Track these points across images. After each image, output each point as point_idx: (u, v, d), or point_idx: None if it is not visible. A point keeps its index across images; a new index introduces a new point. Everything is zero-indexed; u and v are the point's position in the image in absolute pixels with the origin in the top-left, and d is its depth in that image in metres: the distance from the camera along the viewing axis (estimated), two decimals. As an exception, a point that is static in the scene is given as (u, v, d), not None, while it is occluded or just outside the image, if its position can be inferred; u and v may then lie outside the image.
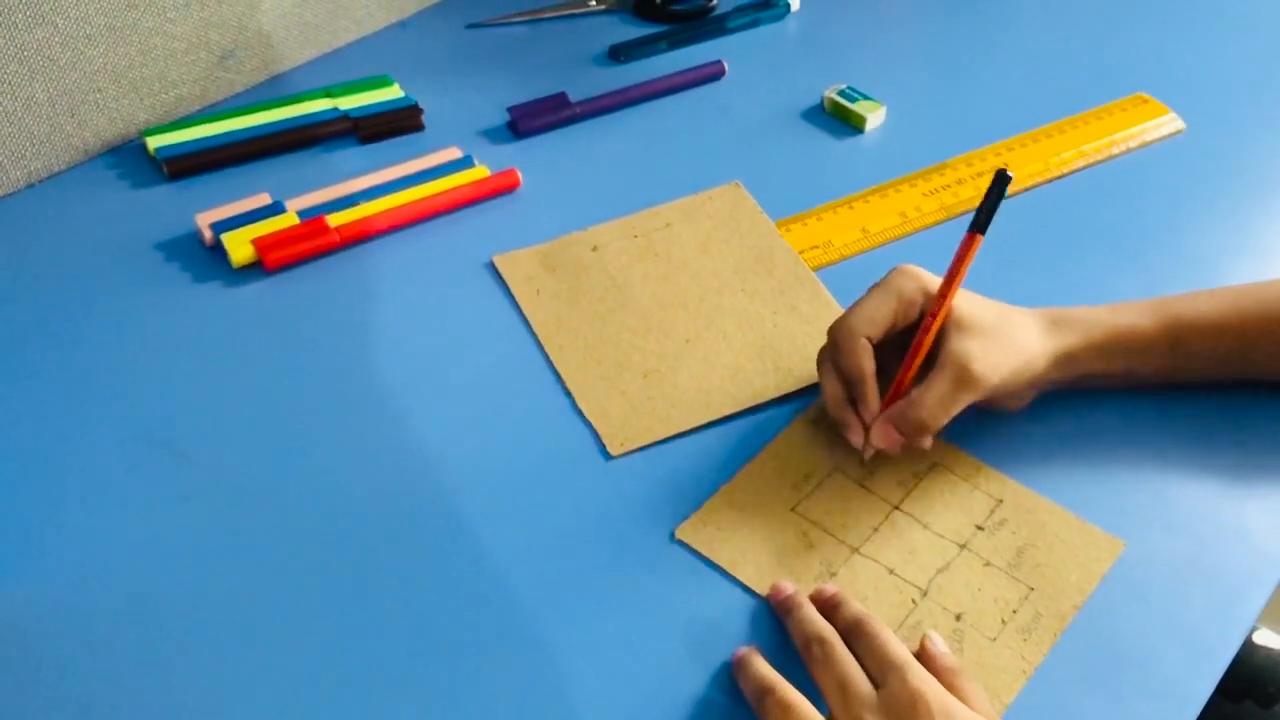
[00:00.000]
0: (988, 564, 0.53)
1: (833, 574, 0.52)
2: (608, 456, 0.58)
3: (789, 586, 0.51)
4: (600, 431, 0.59)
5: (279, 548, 0.54)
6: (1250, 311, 0.58)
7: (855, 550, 0.53)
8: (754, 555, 0.53)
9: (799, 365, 0.62)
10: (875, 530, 0.54)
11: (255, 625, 0.51)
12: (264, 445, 0.58)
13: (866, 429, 0.55)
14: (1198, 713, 0.49)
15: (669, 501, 0.56)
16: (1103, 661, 0.50)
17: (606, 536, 0.54)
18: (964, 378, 0.53)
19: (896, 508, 0.55)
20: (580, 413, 0.60)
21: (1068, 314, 0.58)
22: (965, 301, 0.55)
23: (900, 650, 0.47)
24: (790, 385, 0.61)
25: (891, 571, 0.52)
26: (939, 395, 0.53)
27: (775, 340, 0.63)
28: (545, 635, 0.50)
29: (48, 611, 0.51)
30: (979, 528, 0.54)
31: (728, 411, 0.60)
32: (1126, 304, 0.59)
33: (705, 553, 0.53)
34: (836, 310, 0.65)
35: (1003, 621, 0.50)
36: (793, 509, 0.55)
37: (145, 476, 0.57)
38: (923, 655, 0.48)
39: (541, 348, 0.64)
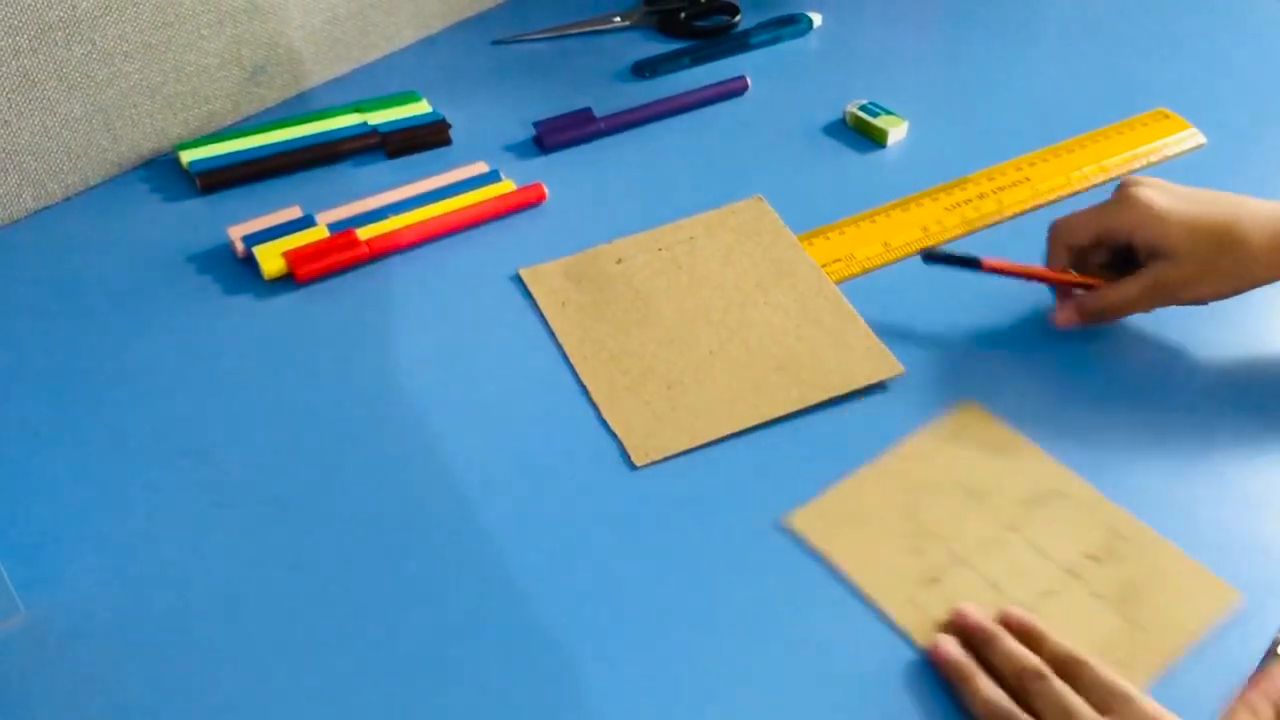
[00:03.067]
0: (1095, 595, 0.52)
1: (933, 580, 0.52)
2: (632, 467, 0.59)
3: (977, 613, 0.50)
4: (625, 442, 0.60)
5: (311, 555, 0.55)
6: None
7: (961, 560, 0.53)
8: (859, 549, 0.53)
9: (822, 377, 0.63)
10: (984, 544, 0.54)
11: (289, 631, 0.52)
12: (296, 454, 0.59)
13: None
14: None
15: (693, 512, 0.57)
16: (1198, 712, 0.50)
17: (631, 547, 0.55)
18: (1161, 286, 0.60)
19: (1012, 528, 0.55)
20: (605, 423, 0.61)
21: None
22: (1176, 227, 0.59)
23: (1123, 681, 0.46)
24: (814, 397, 0.62)
25: (994, 585, 0.52)
26: (1127, 294, 0.61)
27: (798, 352, 0.64)
28: (570, 642, 0.51)
29: (86, 619, 0.52)
30: (1092, 558, 0.53)
31: (751, 423, 0.61)
32: None
33: (813, 541, 0.54)
34: (859, 323, 0.65)
35: (1101, 653, 0.49)
36: (906, 515, 0.55)
37: (180, 485, 0.58)
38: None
39: (567, 359, 0.65)
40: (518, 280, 0.70)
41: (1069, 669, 0.47)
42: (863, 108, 0.82)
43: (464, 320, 0.67)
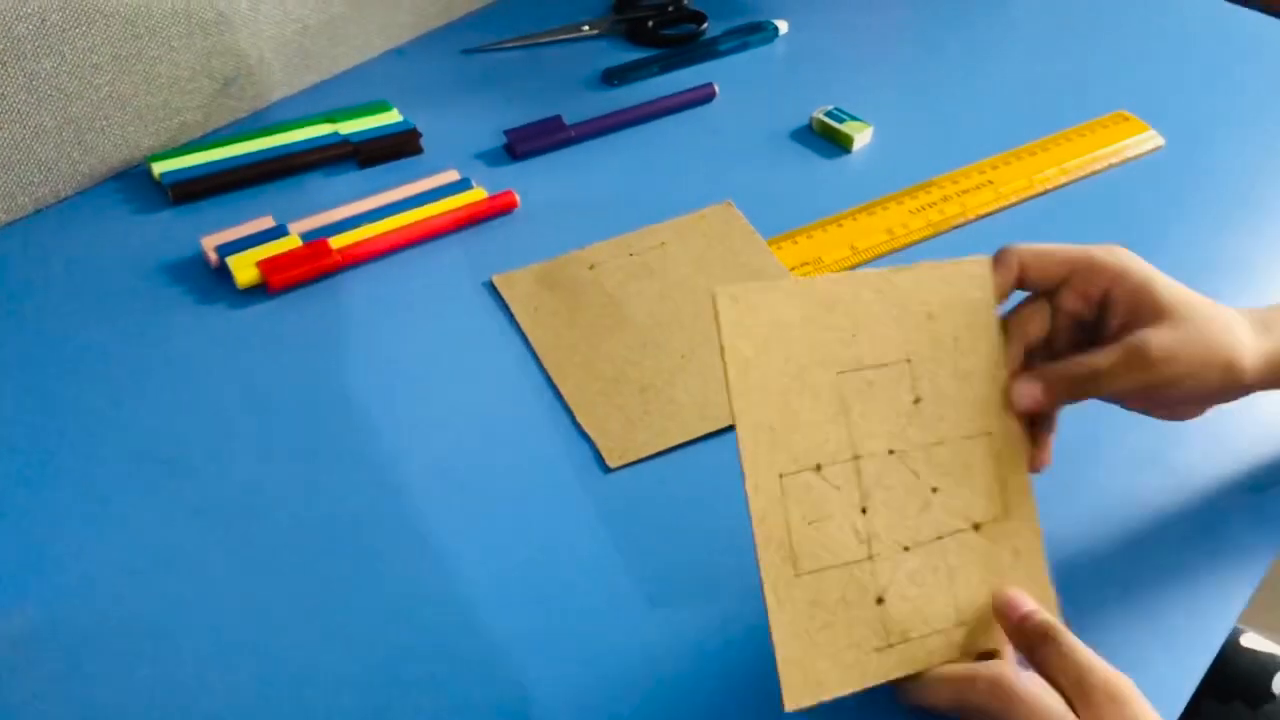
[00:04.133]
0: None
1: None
2: (606, 470, 0.60)
3: (1028, 603, 0.49)
4: (599, 444, 0.61)
5: (286, 559, 0.55)
6: None
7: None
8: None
9: (792, 378, 0.64)
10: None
11: (264, 634, 0.52)
12: (270, 461, 0.60)
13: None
14: (1182, 708, 0.51)
15: (666, 512, 0.57)
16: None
17: (604, 547, 0.56)
18: (1138, 359, 0.48)
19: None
20: (579, 427, 0.62)
21: (1276, 317, 0.52)
22: (1163, 284, 0.50)
23: None
24: (783, 398, 0.63)
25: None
26: (1102, 364, 0.49)
27: (768, 354, 0.65)
28: (543, 639, 0.52)
29: (61, 625, 0.52)
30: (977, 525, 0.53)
31: (724, 424, 0.62)
32: None
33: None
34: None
35: None
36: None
37: (154, 491, 0.58)
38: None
39: (540, 364, 0.66)
40: (490, 287, 0.71)
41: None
42: (828, 114, 0.83)
43: (437, 327, 0.68)
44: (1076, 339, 0.52)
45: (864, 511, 0.51)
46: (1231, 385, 0.51)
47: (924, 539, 0.51)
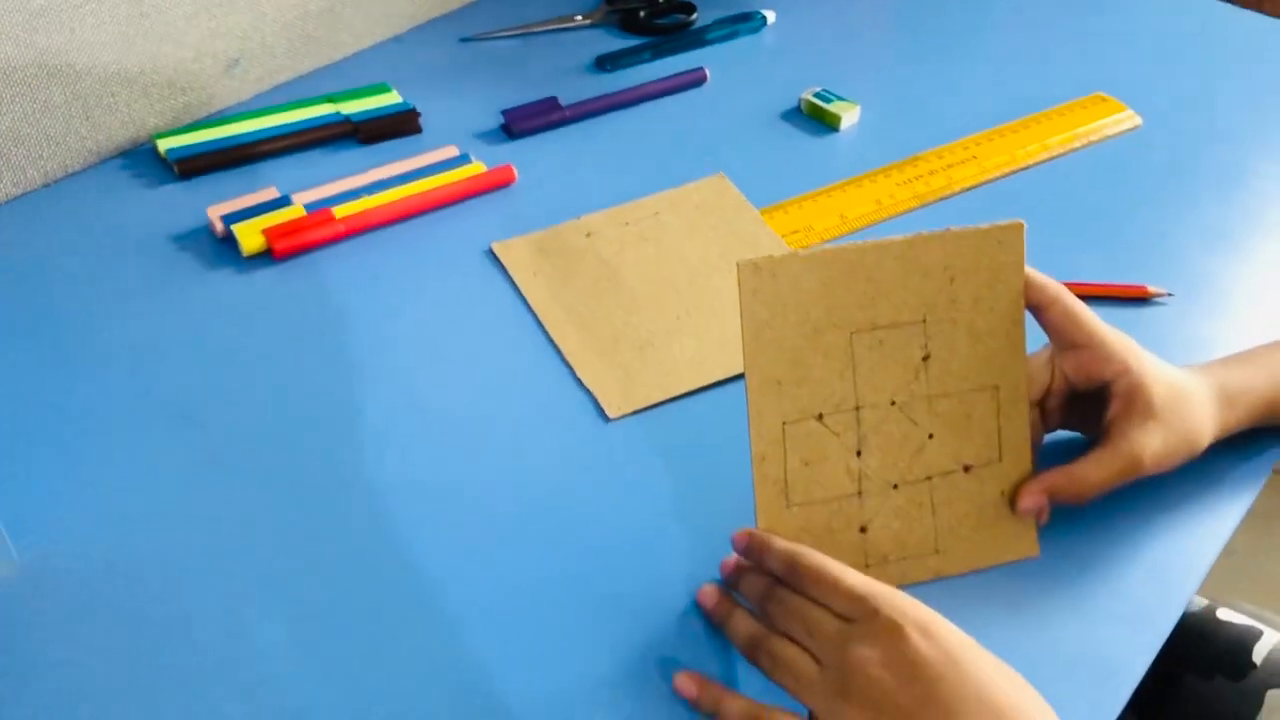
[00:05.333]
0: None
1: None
2: (606, 420, 0.62)
3: (730, 558, 0.53)
4: (598, 397, 0.63)
5: (294, 510, 0.57)
6: None
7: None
8: None
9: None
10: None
11: (271, 576, 0.54)
12: (278, 415, 0.61)
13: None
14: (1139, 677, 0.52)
15: (664, 460, 0.59)
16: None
17: (605, 494, 0.58)
18: (1134, 469, 0.54)
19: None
20: (580, 383, 0.64)
21: (1235, 388, 0.58)
22: (1156, 380, 0.55)
23: (864, 584, 0.47)
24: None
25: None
26: (1100, 478, 0.54)
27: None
28: (548, 586, 0.54)
29: (81, 562, 0.54)
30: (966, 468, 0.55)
31: (719, 377, 0.64)
32: (1273, 364, 0.60)
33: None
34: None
35: None
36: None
37: (166, 443, 0.60)
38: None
39: (540, 324, 0.67)
40: (490, 255, 0.73)
41: (800, 579, 0.48)
42: (817, 94, 0.86)
43: (439, 291, 0.70)
44: (1068, 401, 0.57)
45: (859, 454, 0.53)
46: (1191, 459, 0.57)
47: (913, 479, 0.53)
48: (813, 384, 0.52)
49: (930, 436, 0.53)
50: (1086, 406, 0.57)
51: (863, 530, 0.53)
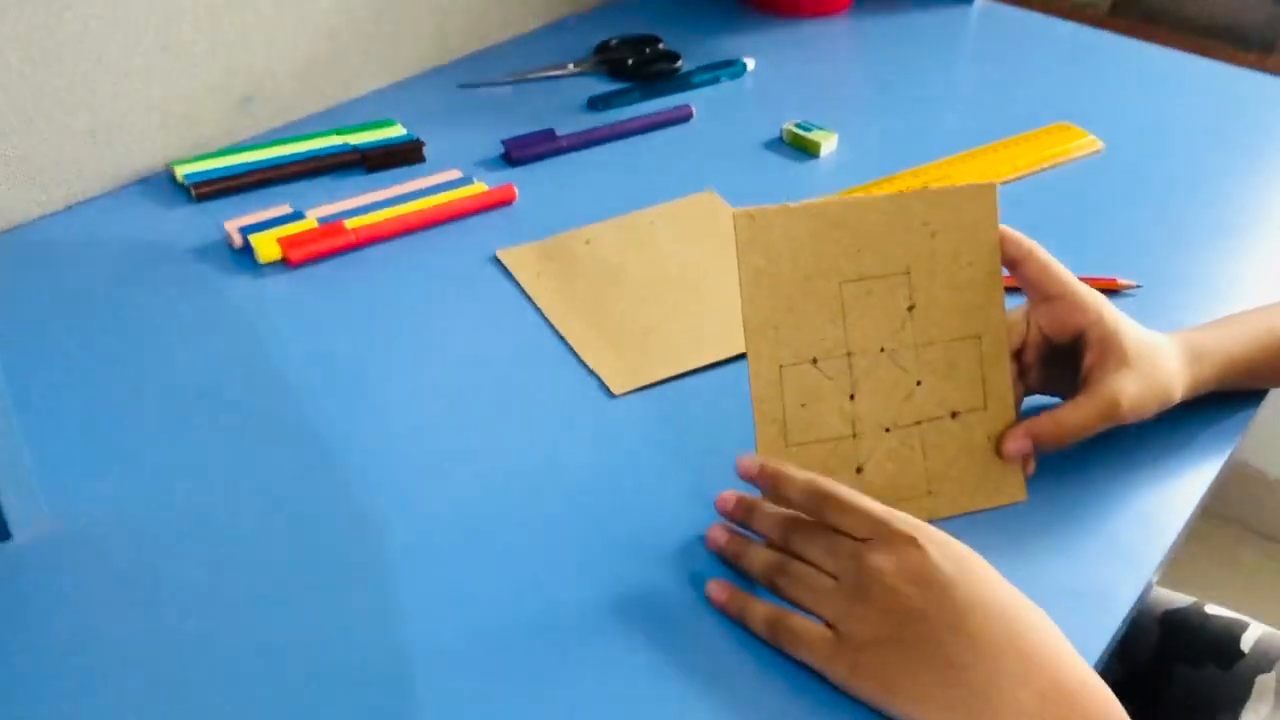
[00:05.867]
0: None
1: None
2: (611, 396, 0.65)
3: (732, 494, 0.55)
4: (603, 376, 0.66)
5: (312, 487, 0.59)
6: None
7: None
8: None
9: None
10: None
11: (294, 539, 0.56)
12: (297, 401, 0.64)
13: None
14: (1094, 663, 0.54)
15: (665, 432, 0.62)
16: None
17: (610, 463, 0.61)
18: (1112, 413, 0.57)
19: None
20: (585, 366, 0.67)
21: (1203, 346, 0.62)
22: (1128, 330, 0.59)
23: (870, 503, 0.50)
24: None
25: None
26: (1080, 423, 0.57)
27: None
28: (560, 551, 0.56)
29: (124, 517, 0.56)
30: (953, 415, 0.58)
31: (717, 358, 0.67)
32: (1244, 331, 0.63)
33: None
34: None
35: None
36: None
37: (189, 428, 0.62)
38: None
39: (545, 317, 0.71)
40: (495, 262, 0.76)
41: (819, 505, 0.51)
42: (798, 125, 0.91)
43: (447, 293, 0.73)
44: (1046, 353, 0.61)
45: (852, 398, 0.56)
46: (1165, 409, 0.60)
47: (904, 423, 0.57)
48: (806, 329, 0.55)
49: (918, 383, 0.57)
50: (1062, 368, 0.61)
51: (859, 471, 0.56)
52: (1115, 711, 0.46)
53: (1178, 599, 0.84)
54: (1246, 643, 0.78)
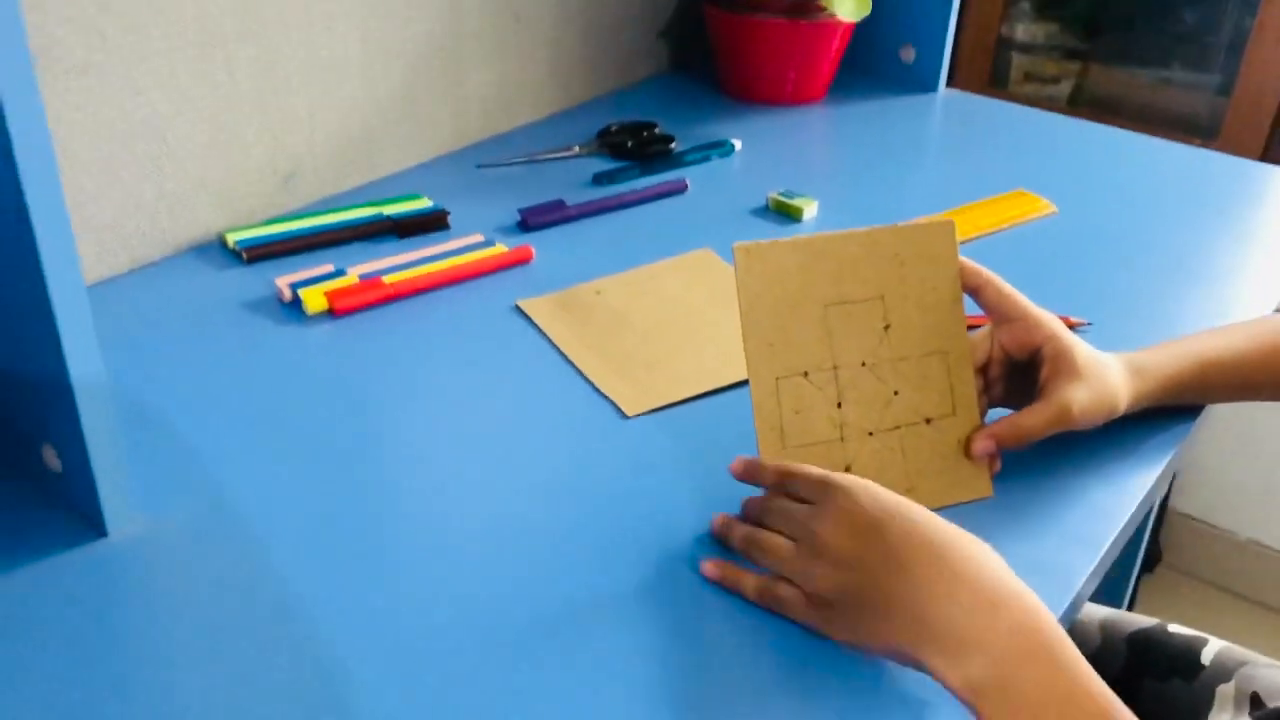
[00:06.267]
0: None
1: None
2: (625, 418, 0.73)
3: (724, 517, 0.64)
4: (617, 401, 0.75)
5: (356, 502, 0.68)
6: (1258, 356, 0.73)
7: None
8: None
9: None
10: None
11: (346, 546, 0.64)
12: (345, 431, 0.73)
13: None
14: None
15: (674, 449, 0.71)
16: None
17: (624, 477, 0.69)
18: (1064, 418, 0.66)
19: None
20: (600, 392, 0.76)
21: (1146, 365, 0.71)
22: (1079, 348, 0.67)
23: (821, 473, 0.58)
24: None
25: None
26: (1036, 427, 0.66)
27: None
28: (582, 551, 0.65)
29: (203, 525, 0.65)
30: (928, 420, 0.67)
31: (720, 384, 0.76)
32: (1180, 353, 0.72)
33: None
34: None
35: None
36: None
37: (256, 448, 0.71)
38: None
39: (562, 354, 0.80)
40: (516, 310, 0.86)
41: (784, 482, 0.60)
42: (782, 193, 1.02)
43: (475, 337, 0.83)
44: (1008, 370, 0.70)
45: (839, 406, 0.65)
46: (1109, 419, 0.69)
47: (885, 428, 0.66)
48: (797, 346, 0.64)
49: (896, 393, 0.66)
50: (1023, 384, 0.70)
51: (847, 469, 0.65)
52: (1044, 620, 0.51)
53: (1142, 620, 0.91)
54: (1207, 656, 0.85)
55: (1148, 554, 1.92)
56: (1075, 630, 0.89)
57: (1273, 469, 1.76)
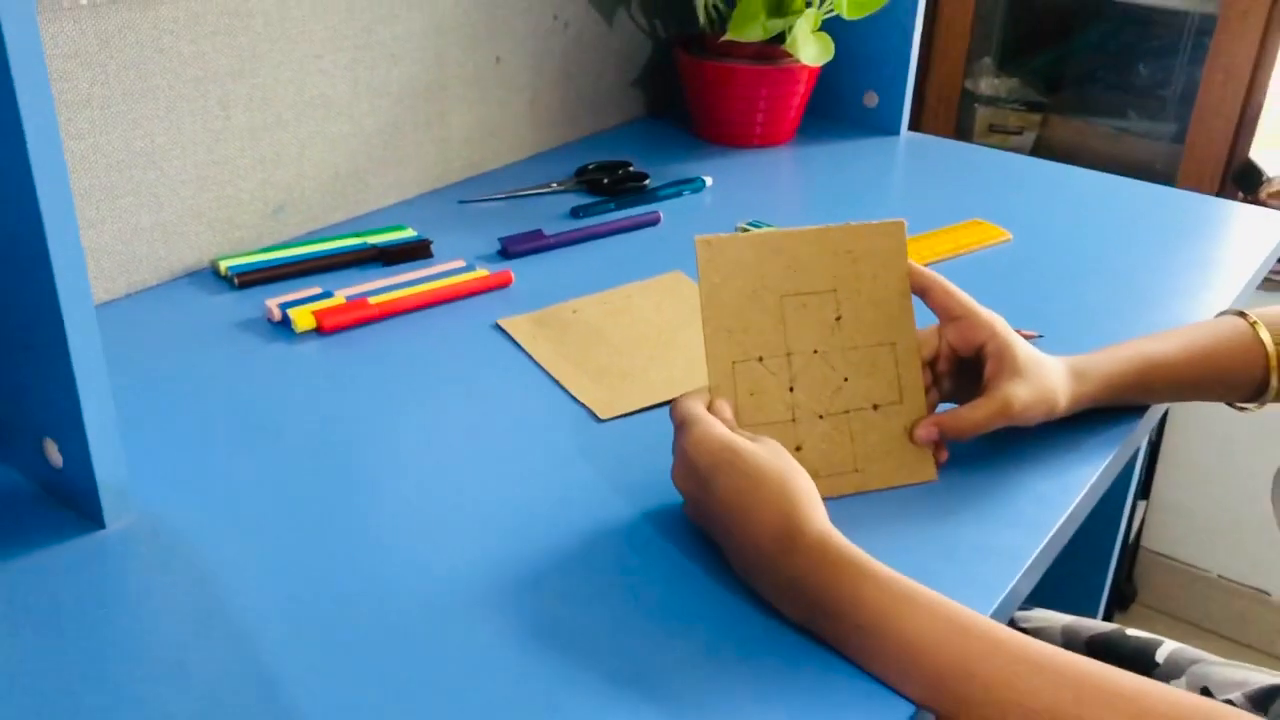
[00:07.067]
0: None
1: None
2: (599, 421, 0.77)
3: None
4: (591, 406, 0.79)
5: (344, 508, 0.71)
6: (1196, 356, 0.78)
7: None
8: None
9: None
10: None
11: (334, 544, 0.68)
12: (332, 441, 0.76)
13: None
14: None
15: (643, 449, 0.75)
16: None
17: (597, 478, 0.73)
18: (1005, 412, 0.70)
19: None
20: (576, 399, 0.80)
21: (1086, 368, 0.75)
22: (1021, 347, 0.71)
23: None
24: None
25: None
26: (978, 419, 0.70)
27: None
28: (560, 540, 0.68)
29: (195, 520, 0.68)
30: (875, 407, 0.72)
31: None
32: (1121, 355, 0.77)
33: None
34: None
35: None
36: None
37: (250, 452, 0.74)
38: None
39: (540, 367, 0.84)
40: (496, 328, 0.90)
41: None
42: (750, 223, 1.07)
43: (457, 352, 0.87)
44: (955, 366, 0.74)
45: (791, 390, 0.69)
46: (1050, 418, 0.73)
47: (835, 412, 0.70)
48: (754, 333, 0.69)
49: (845, 379, 0.70)
50: (969, 381, 0.74)
51: (798, 449, 0.69)
52: (833, 547, 0.59)
53: (1101, 625, 0.95)
54: (1161, 655, 0.89)
55: (1122, 593, 1.96)
56: (1039, 636, 0.92)
57: (1242, 505, 1.80)
